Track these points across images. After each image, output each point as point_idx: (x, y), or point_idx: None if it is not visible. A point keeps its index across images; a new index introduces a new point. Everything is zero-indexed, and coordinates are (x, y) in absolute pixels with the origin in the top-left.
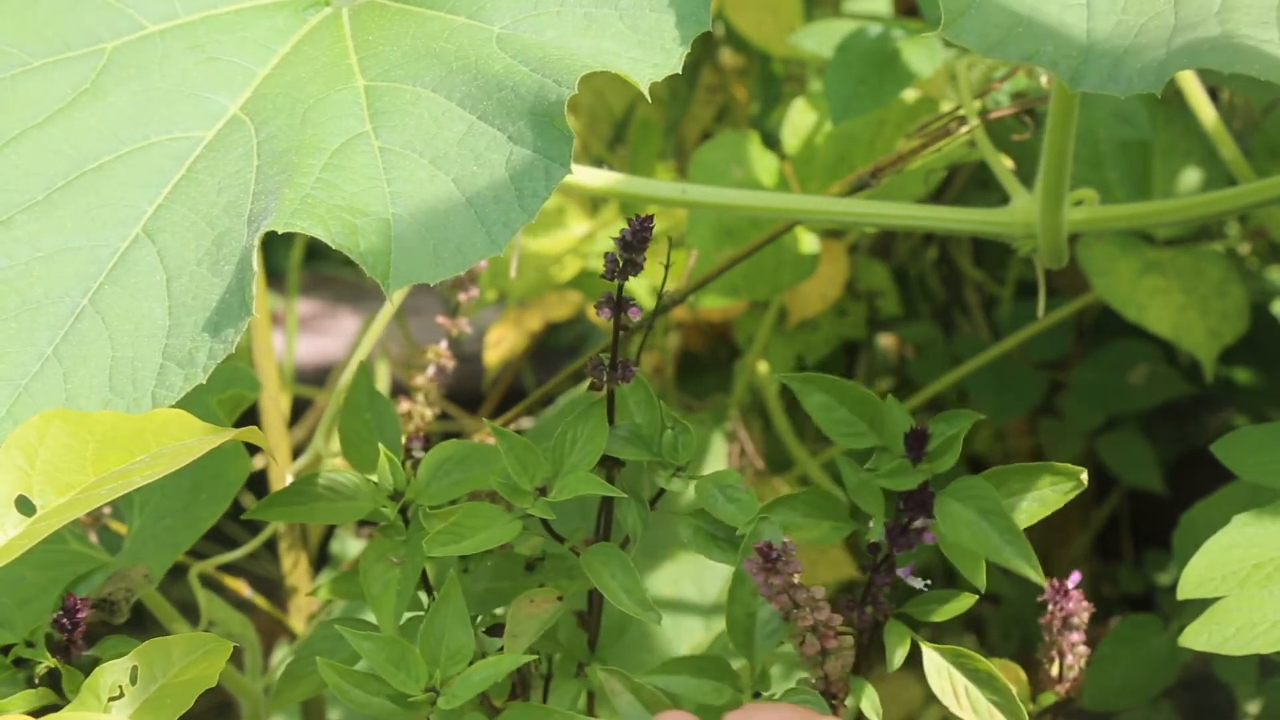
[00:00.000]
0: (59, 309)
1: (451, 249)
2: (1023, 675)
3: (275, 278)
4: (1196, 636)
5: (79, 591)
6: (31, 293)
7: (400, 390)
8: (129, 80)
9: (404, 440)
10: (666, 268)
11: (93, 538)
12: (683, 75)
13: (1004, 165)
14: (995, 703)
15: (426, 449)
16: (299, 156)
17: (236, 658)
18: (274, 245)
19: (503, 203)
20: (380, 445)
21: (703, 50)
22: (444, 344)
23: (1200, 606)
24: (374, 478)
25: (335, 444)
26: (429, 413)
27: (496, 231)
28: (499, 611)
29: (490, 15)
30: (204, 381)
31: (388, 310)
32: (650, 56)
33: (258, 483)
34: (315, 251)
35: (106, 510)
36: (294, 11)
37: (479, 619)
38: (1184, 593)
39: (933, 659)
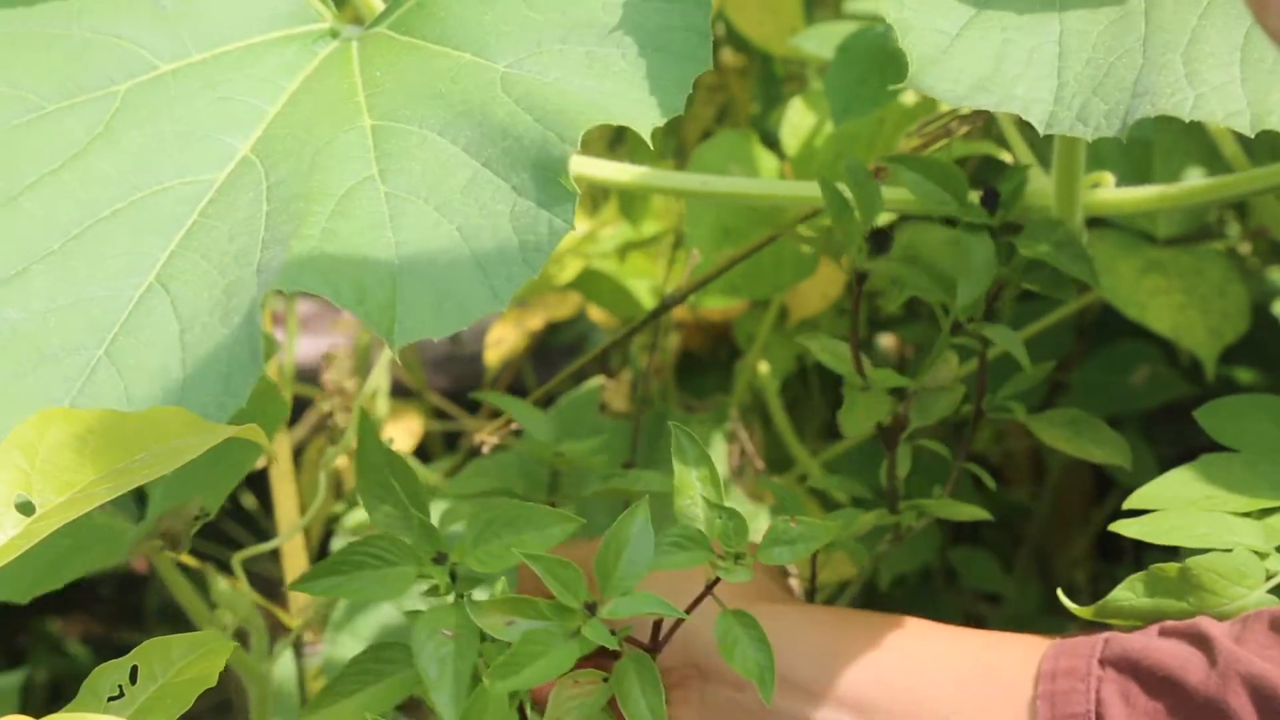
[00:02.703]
0: (75, 362)
1: (455, 303)
2: None
3: None
4: (1129, 525)
5: (104, 562)
6: (48, 345)
7: (402, 391)
8: (142, 123)
9: None
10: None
11: None
12: None
13: (1022, 144)
14: None
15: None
16: (306, 204)
17: (243, 640)
18: None
19: (506, 256)
20: (411, 509)
21: None
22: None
23: None
24: (408, 539)
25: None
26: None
27: (499, 286)
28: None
29: (494, 53)
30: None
31: None
32: (653, 98)
33: (259, 482)
34: None
35: None
36: (304, 45)
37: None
38: (1130, 504)
39: None
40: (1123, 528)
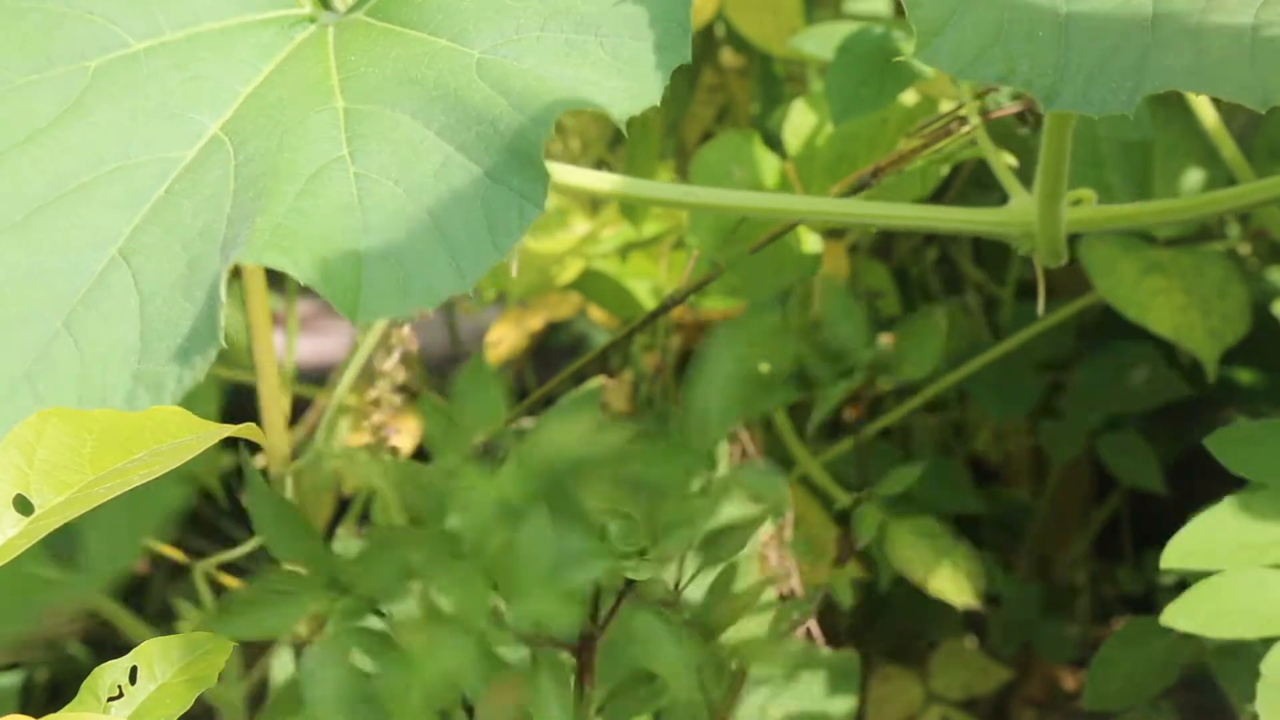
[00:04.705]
0: (34, 332)
1: (421, 284)
2: None
3: (275, 277)
4: (1176, 616)
5: (39, 611)
6: (6, 315)
7: (401, 389)
8: (112, 99)
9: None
10: None
11: None
12: (683, 75)
13: (1004, 163)
14: None
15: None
16: (274, 181)
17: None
18: None
19: (476, 239)
20: (306, 537)
21: (703, 50)
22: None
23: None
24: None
25: (336, 442)
26: (397, 399)
27: (468, 268)
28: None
29: (472, 38)
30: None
31: None
32: (629, 87)
33: None
34: None
35: None
36: (281, 29)
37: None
38: (1167, 563)
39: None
40: (1174, 620)
